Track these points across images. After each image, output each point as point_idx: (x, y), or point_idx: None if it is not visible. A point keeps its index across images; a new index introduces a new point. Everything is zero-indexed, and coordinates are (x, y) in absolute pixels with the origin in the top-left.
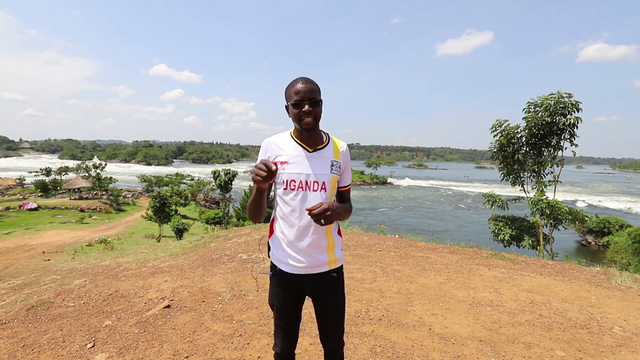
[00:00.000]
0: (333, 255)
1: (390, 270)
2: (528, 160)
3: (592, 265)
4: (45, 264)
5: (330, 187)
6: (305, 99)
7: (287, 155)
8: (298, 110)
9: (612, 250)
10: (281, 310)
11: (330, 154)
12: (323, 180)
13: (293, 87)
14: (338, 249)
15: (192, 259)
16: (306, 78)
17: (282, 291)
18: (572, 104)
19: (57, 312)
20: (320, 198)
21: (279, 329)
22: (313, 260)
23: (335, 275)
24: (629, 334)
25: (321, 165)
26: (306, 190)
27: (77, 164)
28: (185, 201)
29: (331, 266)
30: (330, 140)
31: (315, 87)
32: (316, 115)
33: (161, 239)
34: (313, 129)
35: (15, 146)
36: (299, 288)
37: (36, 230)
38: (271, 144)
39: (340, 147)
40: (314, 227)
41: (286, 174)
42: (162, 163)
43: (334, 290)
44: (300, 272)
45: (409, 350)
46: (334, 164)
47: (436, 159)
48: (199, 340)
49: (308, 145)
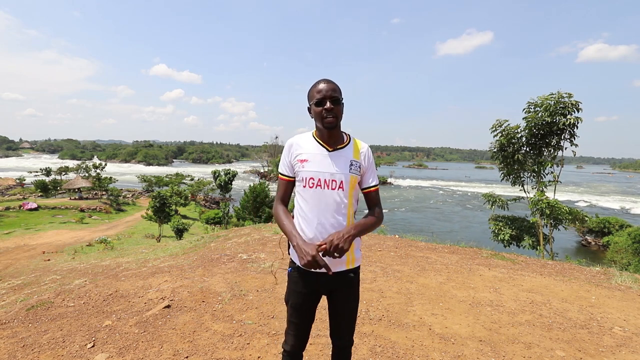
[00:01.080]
0: (351, 255)
1: (390, 270)
2: (528, 160)
3: (592, 265)
4: (45, 264)
5: (349, 187)
6: (327, 97)
7: (307, 153)
8: (320, 108)
9: (612, 250)
10: (296, 307)
11: (350, 154)
12: (341, 179)
13: (315, 87)
14: (357, 249)
15: (192, 259)
16: (327, 79)
17: (300, 288)
18: (572, 104)
19: (57, 312)
20: (338, 197)
21: (292, 325)
22: (331, 259)
23: (352, 275)
24: (629, 334)
25: (340, 164)
26: (324, 188)
27: (77, 164)
28: (185, 201)
29: (349, 266)
30: (351, 141)
31: (337, 87)
32: (337, 114)
33: (161, 239)
34: (334, 127)
35: (15, 146)
36: (316, 286)
37: (36, 230)
38: (293, 143)
39: (360, 148)
40: (332, 225)
41: (305, 172)
42: (162, 163)
43: (350, 289)
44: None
45: (409, 350)
46: (353, 164)
47: (436, 159)
48: (199, 340)
49: (328, 144)
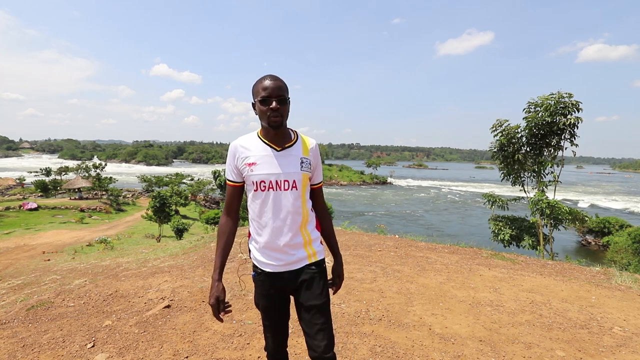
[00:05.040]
0: (311, 249)
1: (390, 270)
2: (528, 160)
3: (592, 265)
4: (45, 264)
5: (302, 185)
6: (273, 95)
7: (255, 156)
8: (265, 107)
9: (612, 250)
10: (266, 310)
11: (300, 152)
12: (293, 178)
13: (261, 84)
14: (316, 243)
15: (192, 259)
16: (274, 75)
17: (266, 290)
18: (573, 104)
19: (57, 312)
20: (292, 197)
21: (267, 329)
22: (291, 257)
23: (314, 268)
24: (629, 334)
25: (290, 164)
26: (277, 189)
27: (77, 164)
28: (185, 201)
29: (311, 260)
30: (299, 138)
31: (283, 85)
32: (283, 113)
33: (161, 239)
34: (280, 126)
35: (15, 146)
36: (282, 286)
37: (36, 230)
38: (238, 146)
39: (309, 144)
40: (288, 226)
41: (255, 176)
42: (162, 163)
43: (316, 283)
44: (281, 269)
45: (409, 350)
46: (303, 162)
47: (436, 159)
48: (199, 340)
49: (276, 144)
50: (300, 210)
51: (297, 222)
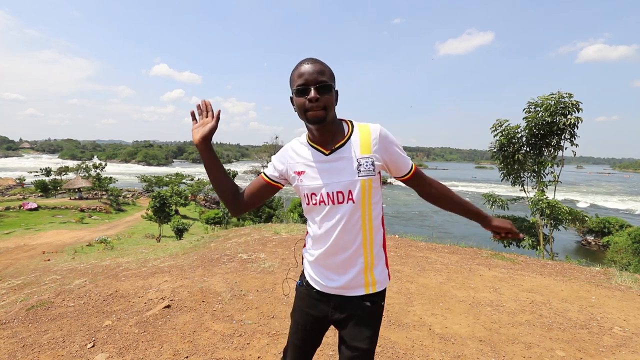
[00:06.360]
0: (371, 277)
1: (390, 270)
2: (528, 160)
3: (592, 265)
4: (45, 264)
5: (362, 195)
6: (310, 82)
7: (302, 163)
8: (303, 98)
9: (612, 250)
10: (299, 327)
11: (355, 151)
12: (349, 188)
13: (297, 70)
14: (379, 269)
15: (192, 259)
16: (314, 58)
17: (305, 307)
18: (573, 104)
19: (57, 312)
20: (348, 210)
21: (292, 347)
22: (344, 280)
23: (368, 304)
24: (629, 334)
25: (343, 170)
26: (329, 204)
27: (77, 164)
28: (185, 201)
29: (368, 290)
30: (355, 131)
31: (326, 69)
32: (326, 105)
33: (161, 239)
34: (323, 122)
35: (15, 146)
36: (325, 312)
37: (36, 230)
38: (288, 149)
39: (371, 135)
40: (344, 247)
41: (304, 187)
42: (162, 163)
43: (366, 321)
44: (329, 291)
45: (409, 350)
46: (362, 164)
47: (436, 159)
48: (199, 340)
49: (323, 146)
50: (359, 226)
51: (355, 241)
